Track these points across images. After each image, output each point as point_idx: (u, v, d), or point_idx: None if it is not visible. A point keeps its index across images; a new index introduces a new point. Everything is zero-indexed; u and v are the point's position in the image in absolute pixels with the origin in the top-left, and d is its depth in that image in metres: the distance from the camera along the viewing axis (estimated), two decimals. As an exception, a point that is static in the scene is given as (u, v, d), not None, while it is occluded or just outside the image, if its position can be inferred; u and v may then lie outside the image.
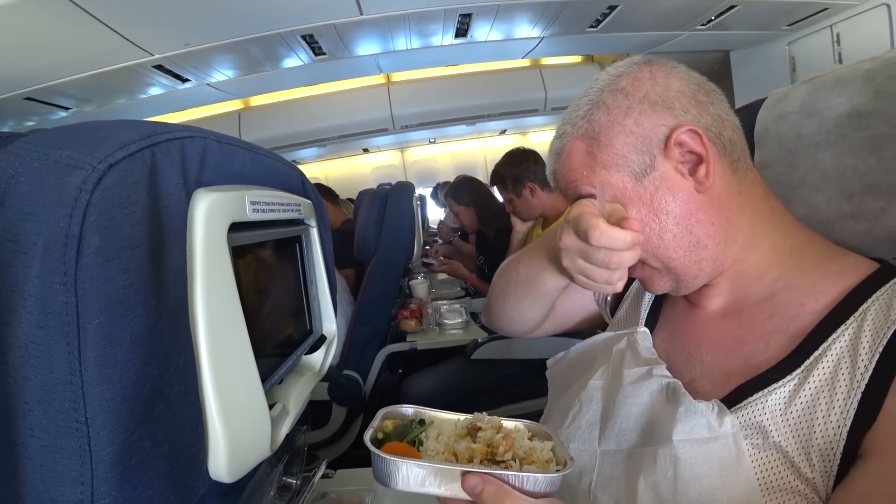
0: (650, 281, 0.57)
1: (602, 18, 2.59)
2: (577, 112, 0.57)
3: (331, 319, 0.66)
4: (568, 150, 0.57)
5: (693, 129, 0.51)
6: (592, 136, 0.55)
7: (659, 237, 0.52)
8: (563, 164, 0.58)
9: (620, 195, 0.53)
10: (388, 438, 0.43)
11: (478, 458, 0.41)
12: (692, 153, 0.52)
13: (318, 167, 5.56)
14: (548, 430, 0.47)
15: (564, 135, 0.58)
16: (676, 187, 0.52)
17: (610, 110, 0.54)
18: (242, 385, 0.38)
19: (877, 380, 0.40)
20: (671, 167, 0.52)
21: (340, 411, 1.69)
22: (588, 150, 0.55)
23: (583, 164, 0.56)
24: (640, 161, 0.52)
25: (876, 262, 0.49)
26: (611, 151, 0.53)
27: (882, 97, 0.50)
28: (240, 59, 2.74)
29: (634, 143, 0.52)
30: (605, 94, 0.55)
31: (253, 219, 0.41)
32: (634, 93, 0.53)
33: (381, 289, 1.83)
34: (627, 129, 0.53)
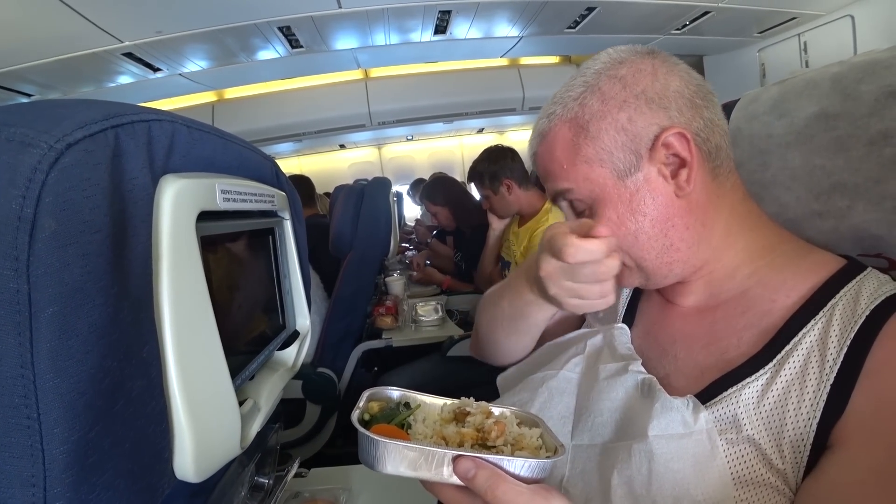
0: (620, 276, 0.56)
1: (580, 20, 2.62)
2: (570, 93, 0.54)
3: (304, 315, 0.64)
4: (553, 135, 0.55)
5: (682, 133, 0.50)
6: (581, 124, 0.52)
7: (634, 237, 0.52)
8: (545, 147, 0.56)
9: (599, 192, 0.52)
10: (375, 420, 0.42)
11: (468, 442, 0.40)
12: (676, 156, 0.51)
13: (293, 162, 5.48)
14: (535, 416, 0.46)
15: (553, 115, 0.55)
16: (657, 190, 0.51)
17: (605, 99, 0.52)
18: (210, 380, 0.36)
19: (845, 373, 0.41)
20: (654, 169, 0.51)
21: (314, 409, 1.67)
22: (573, 140, 0.53)
23: (564, 154, 0.54)
24: (625, 159, 0.51)
25: (843, 258, 0.50)
26: (597, 145, 0.52)
27: (848, 100, 0.52)
28: (214, 50, 2.68)
29: (623, 140, 0.51)
30: (603, 79, 0.52)
31: (224, 208, 0.39)
32: (633, 85, 0.51)
33: (356, 285, 1.80)
34: (619, 125, 0.51)
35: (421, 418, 0.44)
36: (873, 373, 0.40)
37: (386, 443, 0.36)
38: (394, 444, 0.36)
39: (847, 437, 0.39)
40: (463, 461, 0.36)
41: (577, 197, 0.54)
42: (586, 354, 0.61)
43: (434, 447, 0.37)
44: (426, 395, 0.47)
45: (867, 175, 0.51)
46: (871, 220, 0.51)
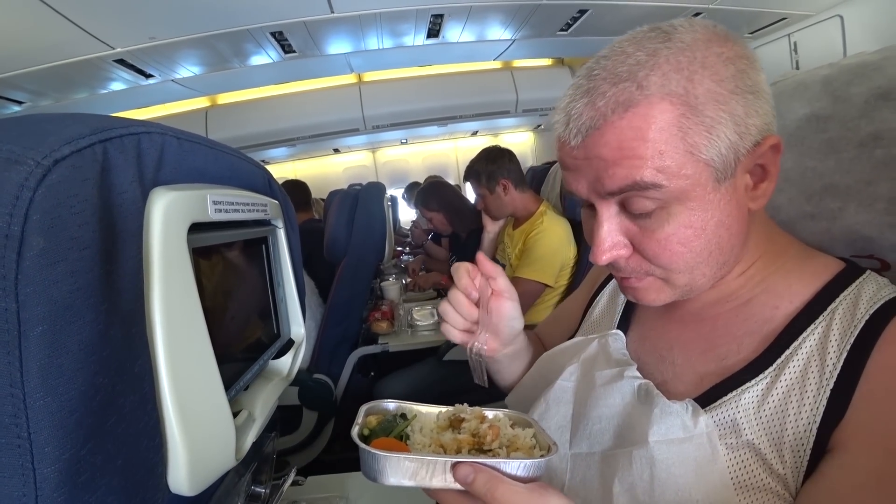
0: (656, 293, 0.50)
1: (572, 22, 2.64)
2: (663, 62, 0.42)
3: (299, 323, 0.64)
4: (646, 109, 0.41)
5: (779, 144, 0.45)
6: (692, 103, 0.41)
7: (707, 252, 0.46)
8: (627, 122, 0.42)
9: (691, 192, 0.43)
10: (374, 434, 0.43)
11: (465, 448, 0.42)
12: (761, 167, 0.46)
13: (287, 167, 5.47)
14: (527, 417, 0.48)
15: (643, 82, 0.42)
16: (740, 201, 0.46)
17: (720, 80, 0.42)
18: (204, 393, 0.36)
19: (845, 378, 0.41)
20: (744, 177, 0.46)
21: (311, 416, 1.66)
22: (679, 122, 0.42)
23: (665, 136, 0.42)
24: (726, 160, 0.43)
25: (842, 261, 0.50)
26: (711, 135, 0.42)
27: (839, 102, 0.52)
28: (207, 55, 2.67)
29: (733, 138, 0.43)
30: (710, 54, 0.42)
31: (215, 219, 0.39)
32: (745, 73, 0.43)
33: (351, 290, 1.80)
34: (736, 117, 0.42)
35: (418, 428, 0.45)
36: (873, 377, 0.40)
37: (387, 456, 0.38)
38: (394, 457, 0.38)
39: (847, 441, 0.39)
40: (462, 467, 0.38)
41: (657, 196, 0.43)
42: (581, 361, 0.60)
43: (433, 456, 0.38)
44: (421, 404, 0.49)
45: (858, 177, 0.51)
46: (862, 222, 0.52)
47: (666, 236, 0.45)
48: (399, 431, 0.44)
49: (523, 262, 1.73)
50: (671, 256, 0.46)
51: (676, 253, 0.46)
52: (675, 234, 0.45)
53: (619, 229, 0.48)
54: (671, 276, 0.48)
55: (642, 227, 0.46)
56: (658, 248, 0.46)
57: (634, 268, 0.49)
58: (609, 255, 0.48)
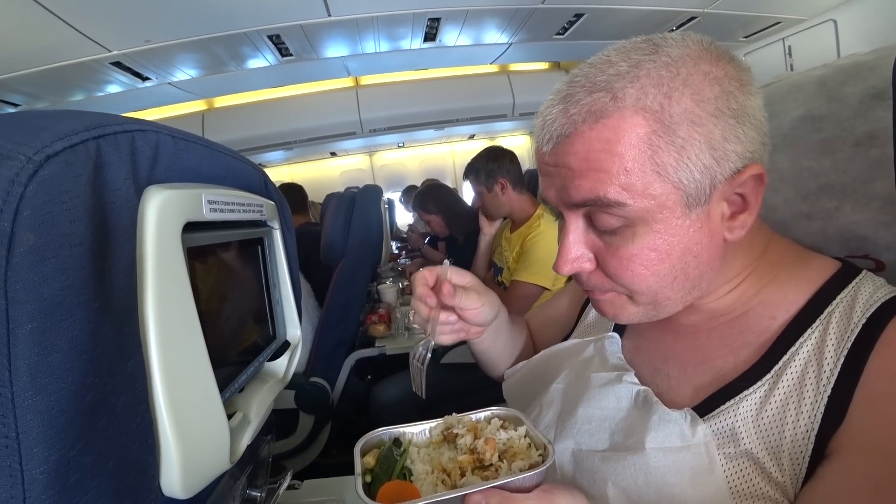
0: (619, 309, 0.50)
1: (569, 26, 2.65)
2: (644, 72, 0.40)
3: (295, 325, 0.63)
4: (617, 121, 0.40)
5: (762, 175, 0.43)
6: (665, 121, 0.40)
7: (671, 277, 0.45)
8: (595, 134, 0.41)
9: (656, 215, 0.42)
10: (377, 478, 0.43)
11: (468, 468, 0.43)
12: (742, 198, 0.44)
13: (284, 170, 5.46)
14: (517, 413, 0.49)
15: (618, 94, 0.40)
16: (713, 230, 0.44)
17: (700, 101, 0.40)
18: (198, 394, 0.35)
19: (842, 383, 0.40)
20: (720, 205, 0.44)
21: (308, 420, 1.65)
22: (648, 139, 0.40)
23: (632, 153, 0.40)
24: (699, 185, 0.41)
25: (838, 261, 0.49)
26: (681, 157, 0.40)
27: (833, 102, 0.52)
28: (203, 58, 2.67)
29: (707, 162, 0.41)
30: (695, 72, 0.40)
31: (210, 219, 0.39)
32: (729, 95, 0.41)
33: (348, 293, 1.79)
34: (711, 140, 0.40)
35: (416, 454, 0.46)
36: (871, 381, 0.39)
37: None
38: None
39: (845, 446, 0.39)
40: (472, 497, 0.38)
41: (621, 213, 0.42)
42: (576, 362, 0.60)
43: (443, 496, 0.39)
44: (410, 425, 0.49)
45: (854, 176, 0.51)
46: (858, 221, 0.52)
47: (629, 256, 0.44)
48: (399, 470, 0.44)
49: (521, 265, 1.73)
50: (632, 277, 0.45)
51: (638, 274, 0.45)
52: (637, 254, 0.44)
53: (584, 242, 0.47)
54: (633, 294, 0.47)
55: (606, 244, 0.46)
56: (619, 267, 0.45)
57: (597, 283, 0.49)
58: (570, 266, 0.48)
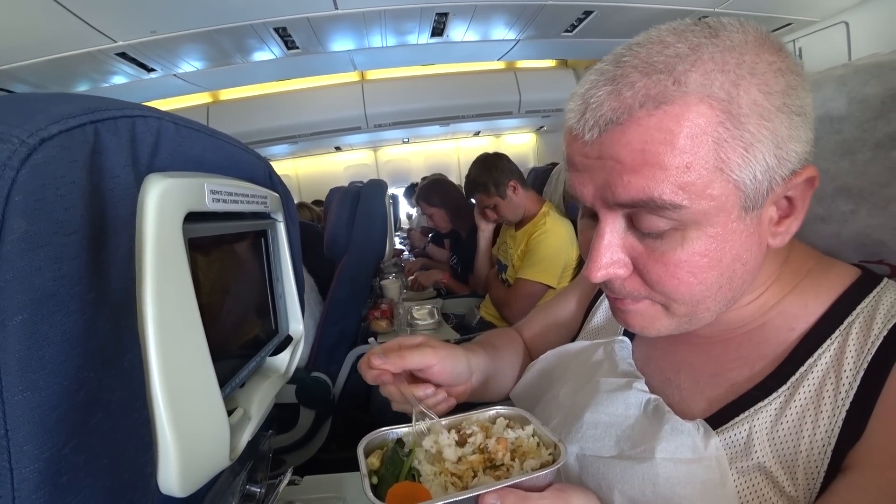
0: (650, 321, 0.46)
1: (577, 23, 2.63)
2: (707, 58, 0.36)
3: (297, 319, 0.62)
4: (681, 109, 0.36)
5: (815, 178, 0.40)
6: (734, 113, 0.36)
7: (717, 286, 0.41)
8: (655, 122, 0.36)
9: (713, 219, 0.38)
10: (383, 480, 0.42)
11: (479, 468, 0.42)
12: (789, 201, 0.41)
13: (289, 164, 5.46)
14: (522, 412, 0.48)
15: (681, 78, 0.36)
16: (762, 235, 0.41)
17: (769, 93, 0.36)
18: (197, 389, 0.34)
19: (862, 397, 0.39)
20: (770, 209, 0.41)
21: (308, 414, 1.64)
22: (716, 131, 0.36)
23: (696, 146, 0.36)
24: (758, 186, 0.38)
25: (857, 268, 0.47)
26: (748, 154, 0.37)
27: (854, 103, 0.51)
28: (209, 50, 2.67)
29: (771, 162, 0.37)
30: (760, 61, 0.37)
31: (213, 209, 0.38)
32: (794, 91, 0.38)
33: (351, 289, 1.78)
34: (779, 138, 0.37)
35: (422, 454, 0.44)
36: (891, 395, 0.38)
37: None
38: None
39: (862, 461, 0.37)
40: (487, 497, 0.37)
41: (673, 216, 0.38)
42: (585, 364, 0.59)
43: (458, 496, 0.38)
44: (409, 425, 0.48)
45: (873, 179, 0.50)
46: (874, 225, 0.50)
47: (676, 262, 0.40)
48: (407, 469, 0.42)
49: (526, 262, 1.72)
50: (677, 285, 0.41)
51: (684, 282, 0.41)
52: (687, 261, 0.40)
53: (621, 245, 0.43)
54: (672, 304, 0.43)
55: (649, 248, 0.41)
56: (664, 274, 0.41)
57: (631, 291, 0.44)
58: (605, 272, 0.43)
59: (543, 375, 0.65)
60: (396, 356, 0.53)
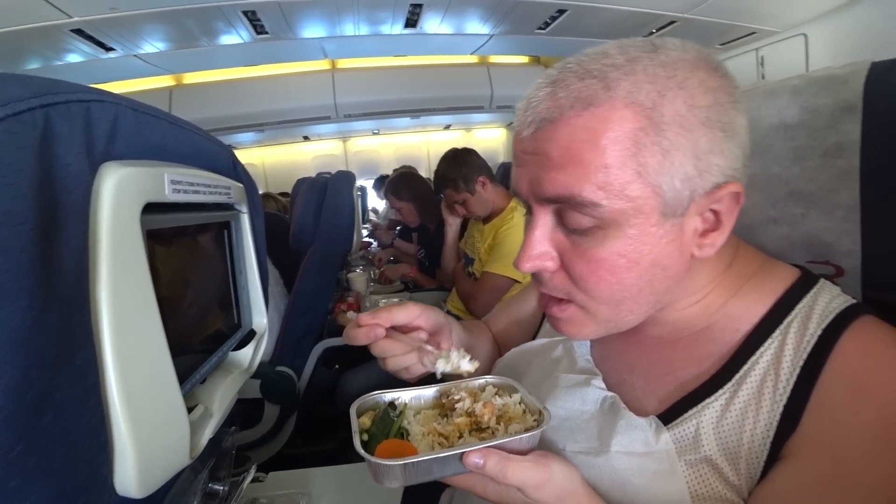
0: (578, 327, 0.48)
1: (551, 21, 2.66)
2: (640, 69, 0.39)
3: (261, 313, 0.61)
4: (606, 113, 0.39)
5: (740, 194, 0.42)
6: (656, 120, 0.39)
7: (636, 289, 0.44)
8: (582, 123, 0.39)
9: (631, 219, 0.41)
10: (373, 437, 0.44)
11: (465, 430, 0.44)
12: (716, 215, 0.43)
13: (255, 153, 5.31)
14: (510, 381, 0.51)
15: (610, 84, 0.39)
16: (684, 244, 0.43)
17: (693, 107, 0.39)
18: (155, 386, 0.33)
19: (798, 393, 0.42)
20: (694, 220, 0.43)
21: (273, 409, 1.61)
22: (634, 136, 0.39)
23: (616, 148, 0.39)
24: (679, 195, 0.40)
25: (797, 269, 0.50)
26: (666, 160, 0.39)
27: (806, 112, 0.53)
28: (173, 31, 2.55)
29: (689, 171, 0.40)
30: (692, 78, 0.39)
31: (173, 200, 0.36)
32: (722, 108, 0.40)
33: (317, 281, 1.76)
34: (698, 150, 0.39)
35: (412, 417, 0.47)
36: (823, 390, 0.41)
37: (399, 464, 0.39)
38: (406, 462, 0.39)
39: (796, 450, 0.41)
40: (471, 455, 0.40)
41: (594, 214, 0.41)
42: (545, 361, 0.61)
43: (443, 452, 0.40)
44: (405, 389, 0.51)
45: (822, 184, 0.52)
46: (822, 228, 0.53)
47: (597, 260, 0.43)
48: (397, 428, 0.45)
49: (493, 256, 1.73)
50: (597, 282, 0.44)
51: (604, 280, 0.43)
52: (606, 259, 0.42)
53: (550, 239, 0.46)
54: (593, 305, 0.46)
55: (574, 244, 0.44)
56: (586, 271, 0.44)
57: (557, 286, 0.47)
58: (533, 263, 0.46)
59: (507, 373, 0.66)
60: (384, 311, 0.54)
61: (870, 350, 0.41)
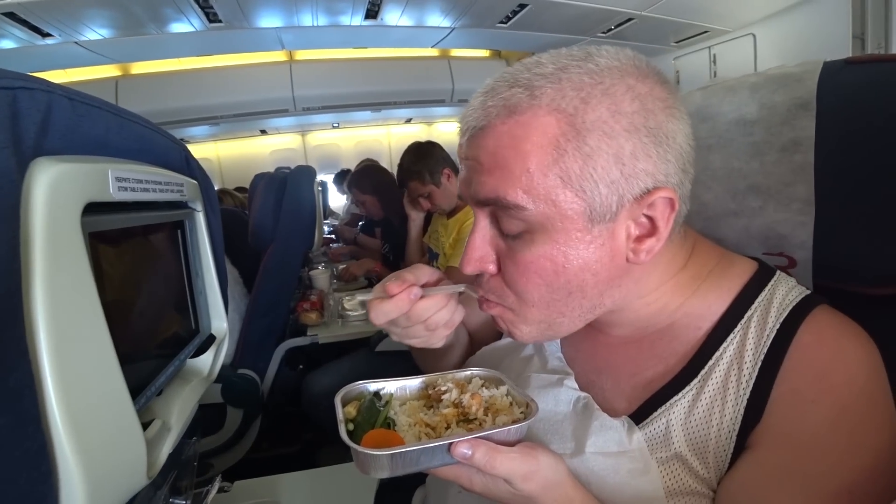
0: (511, 326, 0.49)
1: (512, 15, 2.66)
2: (567, 76, 0.40)
3: (221, 316, 0.58)
4: (528, 118, 0.40)
5: (673, 200, 0.42)
6: (577, 126, 0.39)
7: (566, 293, 0.44)
8: (507, 129, 0.41)
9: (557, 224, 0.41)
10: (359, 427, 0.43)
11: (452, 421, 0.44)
12: (650, 220, 0.43)
13: (209, 147, 5.10)
14: (497, 374, 0.51)
15: (534, 91, 0.40)
16: (615, 249, 0.43)
17: (617, 113, 0.40)
18: (104, 404, 0.30)
19: (760, 385, 0.44)
20: (626, 225, 0.43)
21: (236, 414, 1.56)
22: (556, 141, 0.40)
23: (537, 153, 0.40)
24: (605, 201, 0.41)
25: (754, 262, 0.52)
26: (588, 166, 0.40)
27: (764, 108, 0.55)
28: (118, 17, 2.40)
29: (615, 177, 0.40)
30: (618, 84, 0.40)
31: (119, 199, 0.33)
32: (649, 114, 0.41)
33: (278, 280, 1.70)
34: (621, 155, 0.40)
35: (398, 407, 0.46)
36: (784, 381, 0.43)
37: (387, 454, 0.38)
38: (394, 453, 0.38)
39: (759, 440, 0.43)
40: (459, 446, 0.39)
41: (521, 217, 0.42)
42: (516, 360, 0.61)
43: (431, 443, 0.40)
44: (390, 380, 0.50)
45: (779, 178, 0.54)
46: (778, 220, 0.55)
47: (525, 262, 0.43)
48: (383, 419, 0.44)
49: (458, 251, 1.73)
50: (526, 285, 0.45)
51: (532, 283, 0.44)
52: (534, 262, 0.43)
53: (490, 242, 0.47)
54: (524, 308, 0.46)
55: (508, 247, 0.45)
56: (515, 273, 0.45)
57: (493, 288, 0.48)
58: (474, 266, 0.47)
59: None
60: (406, 273, 0.52)
61: (825, 341, 0.43)
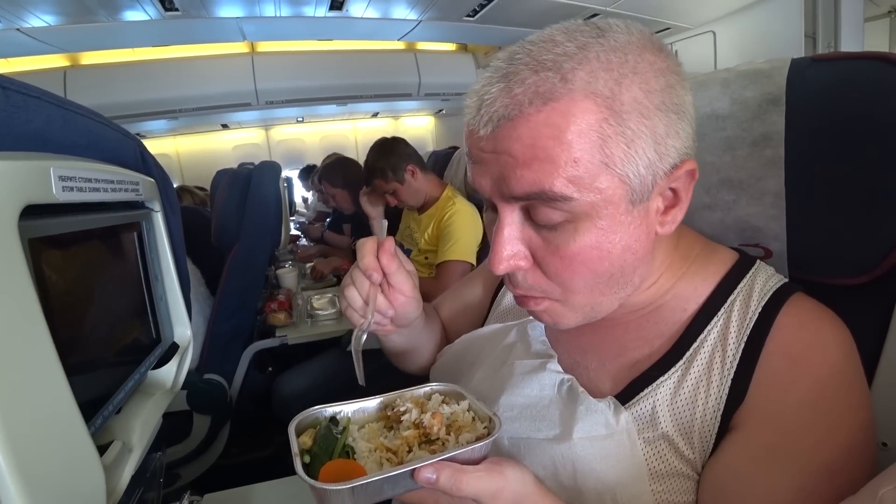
0: (558, 317, 0.49)
1: (479, 9, 2.65)
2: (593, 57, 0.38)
3: (184, 323, 0.54)
4: (567, 106, 0.38)
5: (695, 170, 0.43)
6: (617, 109, 0.38)
7: (608, 275, 0.44)
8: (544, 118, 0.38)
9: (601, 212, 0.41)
10: (316, 458, 0.41)
11: (414, 443, 0.43)
12: (674, 192, 0.44)
13: (168, 143, 4.89)
14: (457, 388, 0.49)
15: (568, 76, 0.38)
16: (649, 225, 0.44)
17: (649, 91, 0.39)
18: (52, 431, 0.27)
19: (743, 366, 0.45)
20: (656, 201, 0.44)
21: (203, 421, 1.50)
22: (600, 126, 0.38)
23: (582, 142, 0.38)
24: (643, 181, 0.41)
25: (735, 252, 0.54)
26: (630, 149, 0.39)
27: (735, 104, 0.56)
28: (65, 3, 2.25)
29: (651, 157, 0.40)
30: (642, 61, 0.39)
31: (64, 200, 0.30)
32: (673, 90, 0.41)
33: (244, 280, 1.64)
34: (657, 134, 0.40)
35: (356, 433, 0.44)
36: (766, 363, 0.44)
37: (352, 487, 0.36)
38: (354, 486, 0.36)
39: (743, 421, 0.44)
40: (423, 471, 0.38)
41: (565, 208, 0.40)
42: (498, 347, 0.60)
43: (393, 471, 0.38)
44: (346, 403, 0.47)
45: (751, 172, 0.55)
46: (752, 213, 0.56)
47: (570, 254, 0.42)
48: (341, 447, 0.42)
49: (447, 245, 1.71)
50: (572, 275, 0.44)
51: (579, 273, 0.43)
52: (580, 252, 0.42)
53: (520, 238, 0.45)
54: (570, 297, 0.46)
55: (546, 240, 0.43)
56: (560, 266, 0.43)
57: (533, 285, 0.46)
58: (506, 265, 0.45)
59: (457, 361, 0.66)
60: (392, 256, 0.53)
61: (804, 324, 0.45)
